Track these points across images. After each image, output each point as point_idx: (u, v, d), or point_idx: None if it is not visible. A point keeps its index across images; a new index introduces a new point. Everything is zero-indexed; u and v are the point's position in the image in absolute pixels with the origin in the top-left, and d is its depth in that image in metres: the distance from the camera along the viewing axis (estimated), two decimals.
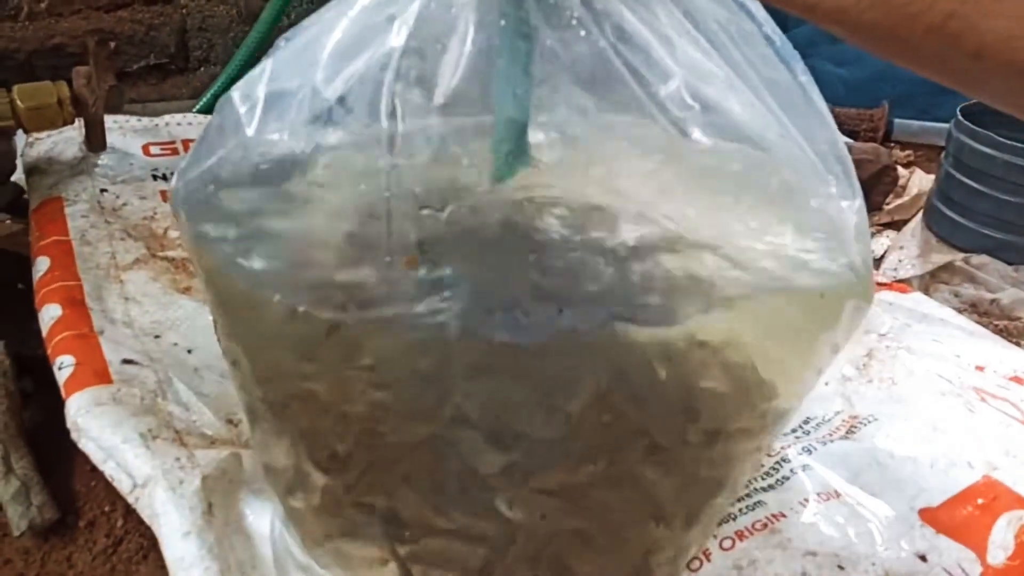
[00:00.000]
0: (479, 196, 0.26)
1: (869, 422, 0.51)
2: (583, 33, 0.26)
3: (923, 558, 0.42)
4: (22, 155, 0.71)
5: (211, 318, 0.57)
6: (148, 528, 0.49)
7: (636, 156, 0.29)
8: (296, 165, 0.27)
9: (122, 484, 0.45)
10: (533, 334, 0.26)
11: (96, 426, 0.46)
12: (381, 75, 0.25)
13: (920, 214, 0.86)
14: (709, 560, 0.43)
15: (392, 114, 0.25)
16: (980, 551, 0.42)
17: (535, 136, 0.27)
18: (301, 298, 0.28)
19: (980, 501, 0.45)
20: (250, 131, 0.26)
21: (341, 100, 0.25)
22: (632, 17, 0.26)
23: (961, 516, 0.44)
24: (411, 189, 0.25)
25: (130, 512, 0.52)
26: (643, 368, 0.29)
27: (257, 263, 0.29)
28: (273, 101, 0.26)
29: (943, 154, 0.84)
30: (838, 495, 0.46)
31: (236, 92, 0.28)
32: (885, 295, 0.62)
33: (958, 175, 0.80)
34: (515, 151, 0.25)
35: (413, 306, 0.26)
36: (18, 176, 0.71)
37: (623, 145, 0.28)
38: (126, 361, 0.50)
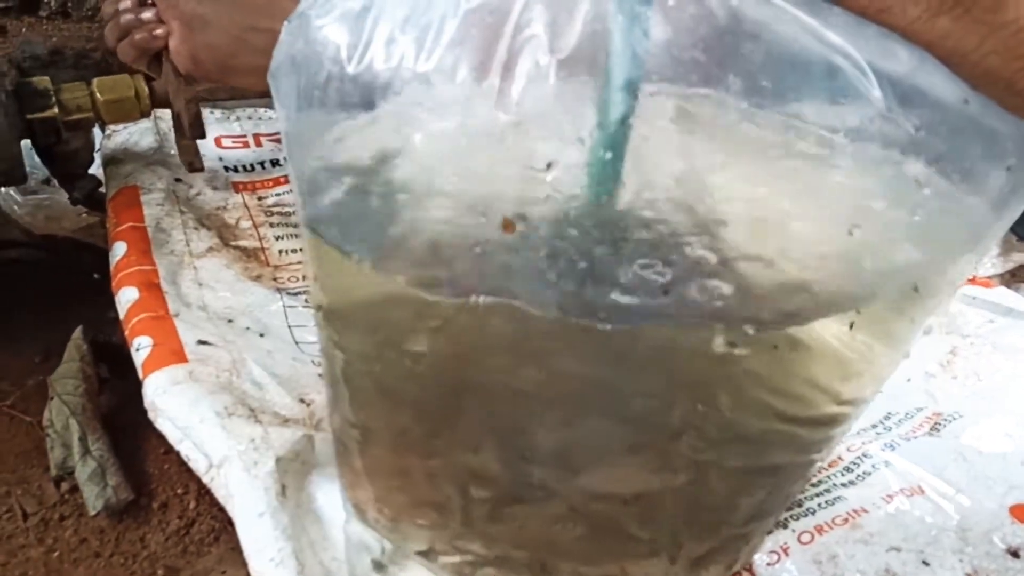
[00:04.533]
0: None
1: (954, 419, 0.49)
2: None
3: (1015, 554, 0.40)
4: (99, 148, 0.73)
5: (282, 303, 0.59)
6: (220, 511, 0.49)
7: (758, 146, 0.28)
8: (399, 115, 0.26)
9: (198, 464, 0.46)
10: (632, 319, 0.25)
11: (173, 405, 0.46)
12: (499, 25, 0.24)
13: None
14: (787, 555, 0.41)
15: (506, 67, 0.24)
16: None
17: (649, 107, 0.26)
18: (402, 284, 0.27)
19: None
20: (351, 68, 0.26)
21: (451, 47, 0.25)
22: None
23: None
24: (515, 148, 0.24)
25: (202, 495, 0.53)
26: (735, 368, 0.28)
27: (357, 242, 0.29)
28: (375, 35, 0.26)
29: None
30: (922, 491, 0.44)
31: (324, 16, 0.27)
32: (968, 289, 0.60)
33: None
34: (624, 116, 0.25)
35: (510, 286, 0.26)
36: (95, 171, 0.73)
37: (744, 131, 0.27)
38: (201, 342, 0.51)
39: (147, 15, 0.59)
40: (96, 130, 0.75)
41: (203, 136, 0.63)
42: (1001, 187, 0.26)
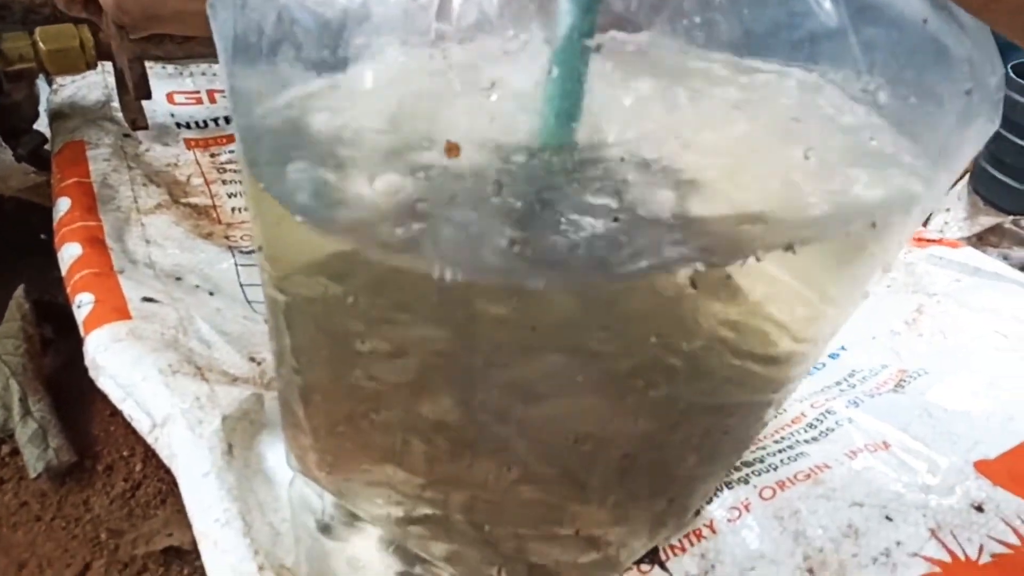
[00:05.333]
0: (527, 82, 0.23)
1: (919, 375, 0.49)
2: None
3: (979, 508, 0.40)
4: (47, 103, 0.70)
5: (233, 261, 0.57)
6: (167, 473, 0.47)
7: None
8: (338, 31, 0.25)
9: (141, 424, 0.44)
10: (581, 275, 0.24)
11: (115, 363, 0.45)
12: None
13: (966, 177, 0.83)
14: (748, 510, 0.40)
15: None
16: None
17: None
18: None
19: None
20: None
21: None
22: None
23: (1021, 469, 0.42)
24: (458, 67, 0.23)
25: (148, 457, 0.51)
26: (683, 312, 0.26)
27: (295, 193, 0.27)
28: None
29: None
30: (887, 446, 0.43)
31: None
32: (935, 250, 0.60)
33: (1009, 135, 0.77)
34: (573, 29, 0.23)
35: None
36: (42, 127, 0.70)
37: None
38: (146, 299, 0.49)
39: None
40: (44, 85, 0.72)
41: (149, 97, 0.61)
42: (959, 113, 0.25)
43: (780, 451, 0.44)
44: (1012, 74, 0.77)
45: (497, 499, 0.32)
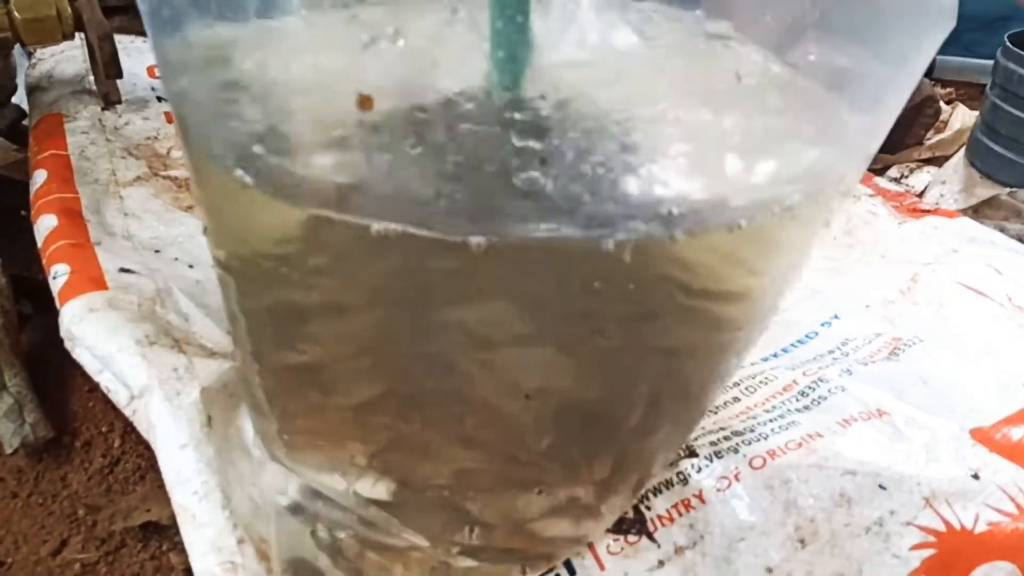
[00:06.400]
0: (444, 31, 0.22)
1: (914, 343, 0.48)
2: None
3: (976, 476, 0.39)
4: (25, 76, 0.69)
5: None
6: (146, 449, 0.47)
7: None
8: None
9: (119, 396, 0.43)
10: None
11: (91, 333, 0.43)
12: None
13: (962, 150, 0.81)
14: (738, 480, 0.39)
15: None
16: None
17: None
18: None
19: None
20: None
21: None
22: None
23: (1017, 437, 0.41)
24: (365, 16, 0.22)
25: (128, 433, 0.50)
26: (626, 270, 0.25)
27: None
28: None
29: (988, 85, 0.79)
30: (880, 415, 0.42)
31: None
32: (930, 220, 0.59)
33: (1005, 106, 0.76)
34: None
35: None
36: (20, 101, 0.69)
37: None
38: (123, 270, 0.47)
39: None
40: (23, 59, 0.71)
41: (120, 76, 0.60)
42: (902, 10, 0.24)
43: (771, 420, 0.43)
44: (1009, 44, 0.76)
45: (452, 464, 0.31)
